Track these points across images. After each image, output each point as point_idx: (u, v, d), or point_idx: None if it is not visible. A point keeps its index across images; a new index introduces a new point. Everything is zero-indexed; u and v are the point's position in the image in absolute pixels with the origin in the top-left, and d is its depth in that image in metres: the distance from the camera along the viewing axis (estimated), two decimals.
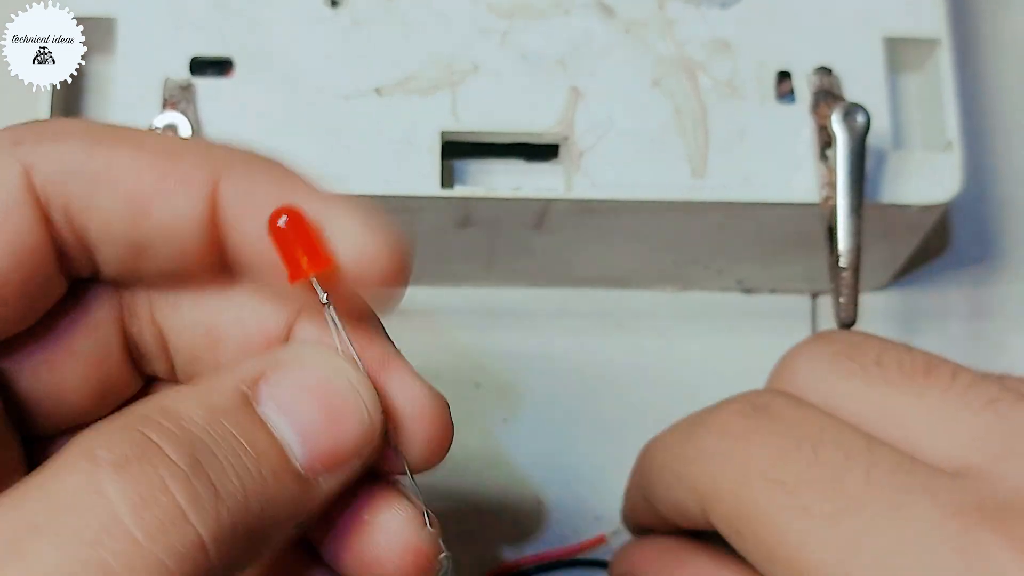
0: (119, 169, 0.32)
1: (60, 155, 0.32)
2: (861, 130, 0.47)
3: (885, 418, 0.36)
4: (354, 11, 0.49)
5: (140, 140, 0.33)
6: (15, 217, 0.32)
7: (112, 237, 0.33)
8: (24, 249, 0.32)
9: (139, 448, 0.29)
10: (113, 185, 0.32)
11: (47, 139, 0.33)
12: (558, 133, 0.49)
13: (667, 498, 0.40)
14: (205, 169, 0.33)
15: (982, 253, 0.56)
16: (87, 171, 0.32)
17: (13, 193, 0.32)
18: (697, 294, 0.55)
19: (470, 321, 0.54)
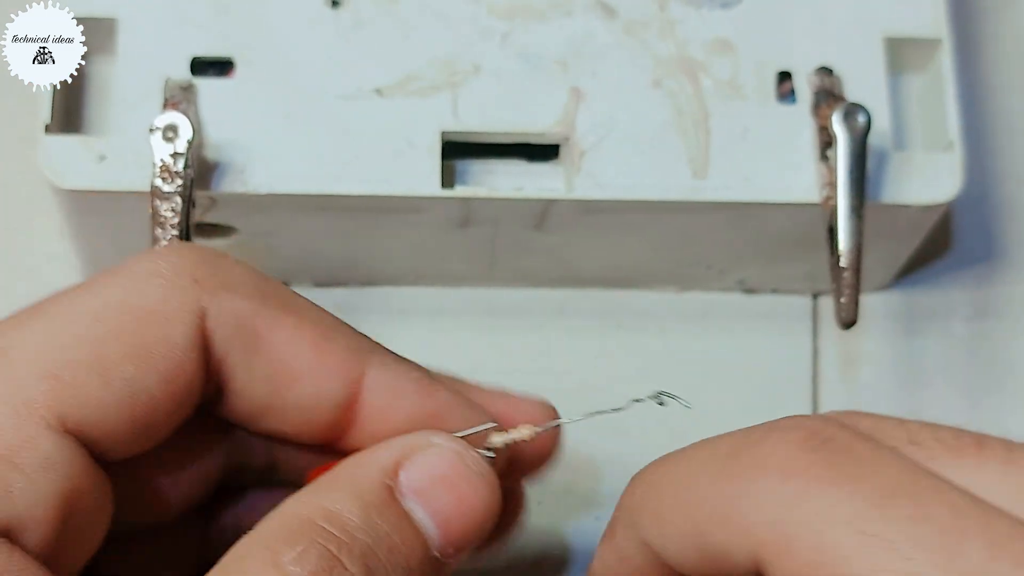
0: (281, 337, 0.34)
1: (233, 308, 0.34)
2: (862, 130, 0.47)
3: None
4: (355, 11, 0.49)
5: (302, 310, 0.35)
6: (183, 358, 0.33)
7: (250, 394, 0.35)
8: (183, 387, 0.33)
9: (327, 564, 0.31)
10: (271, 351, 0.34)
11: (223, 287, 0.34)
12: (559, 133, 0.49)
13: (694, 544, 0.33)
14: (356, 357, 0.35)
15: (984, 253, 0.56)
16: (253, 330, 0.34)
17: (188, 335, 0.33)
18: (698, 294, 0.55)
19: (470, 321, 0.54)
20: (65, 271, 0.52)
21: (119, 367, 0.32)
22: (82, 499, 0.32)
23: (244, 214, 0.48)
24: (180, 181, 0.44)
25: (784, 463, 0.31)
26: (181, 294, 0.33)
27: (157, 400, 0.33)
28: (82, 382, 0.32)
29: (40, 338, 0.32)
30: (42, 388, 0.32)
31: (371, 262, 0.52)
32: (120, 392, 0.32)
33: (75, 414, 0.32)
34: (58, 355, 0.32)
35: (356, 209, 0.48)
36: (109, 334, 0.33)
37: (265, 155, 0.47)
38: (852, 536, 0.29)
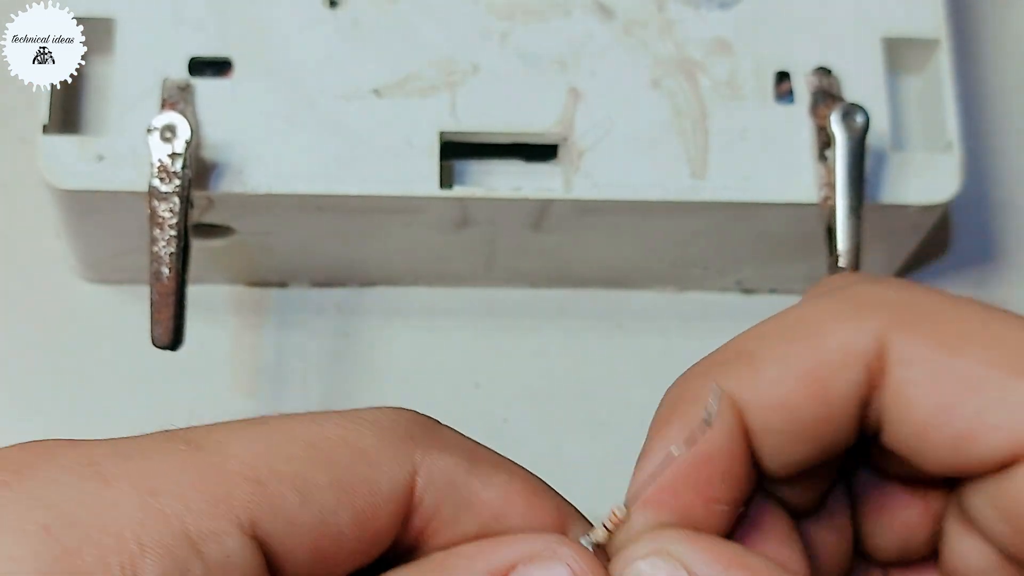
0: (493, 494, 0.34)
1: (445, 468, 0.34)
2: (860, 130, 0.47)
3: None
4: (353, 12, 0.49)
5: (512, 469, 0.35)
6: (382, 506, 0.33)
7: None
8: (373, 534, 0.33)
9: None
10: (483, 507, 0.34)
11: (436, 446, 0.34)
12: (557, 133, 0.49)
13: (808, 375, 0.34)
14: (561, 516, 0.35)
15: (982, 254, 0.56)
16: (464, 489, 0.34)
17: (394, 485, 0.33)
18: (697, 294, 0.55)
19: (470, 321, 0.54)
20: (63, 271, 0.53)
21: (320, 493, 0.33)
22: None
23: (242, 214, 0.48)
24: (178, 181, 0.44)
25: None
26: (397, 445, 0.34)
27: (345, 538, 0.33)
28: (282, 496, 0.32)
29: (255, 445, 0.33)
30: (244, 489, 0.32)
31: (370, 262, 0.52)
32: (314, 518, 0.32)
33: (267, 524, 0.32)
34: (267, 464, 0.32)
35: (354, 209, 0.48)
36: (319, 461, 0.33)
37: (263, 155, 0.47)
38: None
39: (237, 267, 0.52)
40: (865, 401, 0.34)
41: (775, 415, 0.34)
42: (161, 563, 0.30)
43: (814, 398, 0.34)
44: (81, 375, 0.52)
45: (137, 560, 0.30)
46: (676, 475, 0.34)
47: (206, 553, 0.31)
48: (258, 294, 0.53)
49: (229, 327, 0.53)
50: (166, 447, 0.33)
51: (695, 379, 0.35)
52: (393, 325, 0.54)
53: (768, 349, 0.34)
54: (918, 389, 0.33)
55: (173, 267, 0.44)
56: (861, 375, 0.34)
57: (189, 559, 0.31)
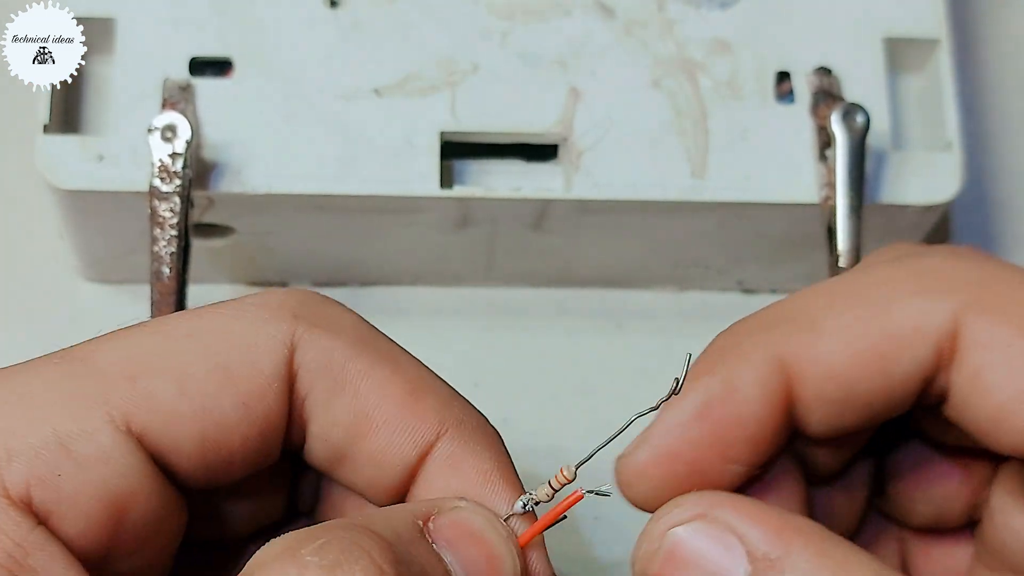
0: (369, 385, 0.34)
1: (325, 346, 0.34)
2: (861, 130, 0.47)
3: None
4: (353, 12, 0.49)
5: (398, 363, 0.35)
6: (265, 386, 0.33)
7: (328, 438, 0.34)
8: (261, 415, 0.33)
9: (350, 554, 0.30)
10: (356, 396, 0.34)
11: (320, 326, 0.34)
12: (557, 133, 0.49)
13: (866, 336, 0.34)
14: (437, 419, 0.34)
15: None
16: (341, 372, 0.34)
17: (275, 365, 0.33)
18: (697, 294, 0.55)
19: (470, 321, 0.54)
20: (64, 271, 0.53)
21: (197, 382, 0.33)
22: (138, 503, 0.32)
23: (242, 214, 0.48)
24: (178, 181, 0.44)
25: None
26: (276, 326, 0.33)
27: (232, 423, 0.33)
28: (156, 388, 0.32)
29: (130, 346, 0.33)
30: (116, 388, 0.32)
31: (370, 262, 0.52)
32: (194, 406, 0.32)
33: (142, 418, 0.32)
34: (141, 361, 0.32)
35: (355, 209, 0.48)
36: (195, 351, 0.33)
37: (263, 155, 0.47)
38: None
39: (237, 267, 0.52)
40: (930, 378, 0.34)
41: (832, 385, 0.33)
42: (29, 465, 0.31)
43: (877, 373, 0.33)
44: None
45: (3, 465, 0.31)
46: (704, 429, 0.33)
47: (75, 452, 0.31)
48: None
49: None
50: (41, 364, 0.33)
51: (746, 336, 0.35)
52: (393, 325, 0.53)
53: (831, 317, 0.34)
54: (997, 374, 0.33)
55: (174, 266, 0.44)
56: (930, 353, 0.33)
57: (58, 459, 0.31)
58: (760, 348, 0.34)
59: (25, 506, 0.31)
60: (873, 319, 0.33)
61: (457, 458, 0.34)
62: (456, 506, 0.34)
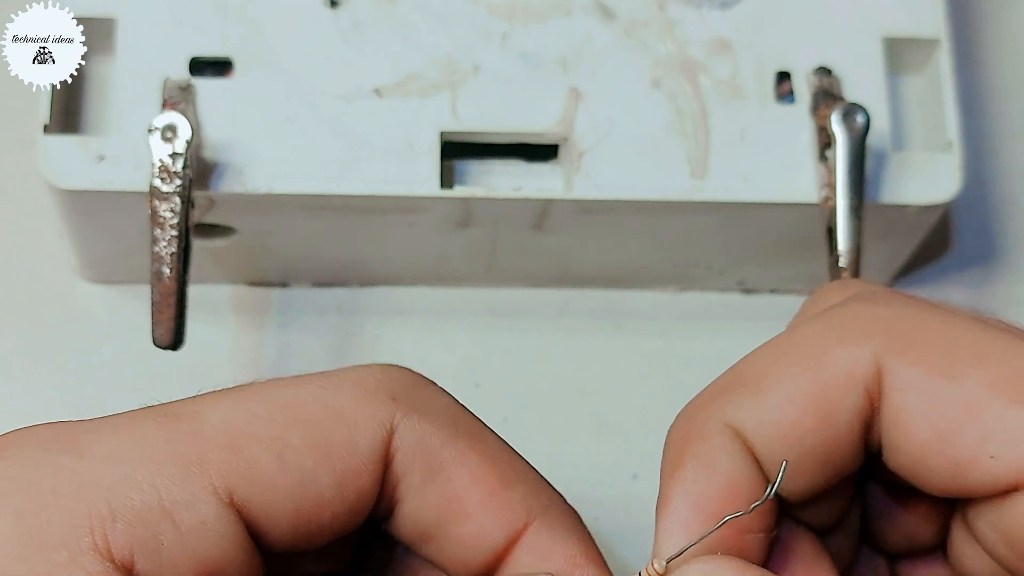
0: (462, 472, 0.34)
1: (423, 432, 0.34)
2: (861, 130, 0.47)
3: None
4: (354, 12, 0.49)
5: (489, 448, 0.35)
6: (362, 465, 0.33)
7: (417, 520, 0.35)
8: (355, 494, 0.33)
9: None
10: (449, 483, 0.34)
11: (418, 410, 0.34)
12: (558, 134, 0.49)
13: (807, 394, 0.34)
14: (526, 508, 0.35)
15: (983, 254, 0.56)
16: (436, 459, 0.34)
17: (373, 445, 0.33)
18: (697, 295, 0.55)
19: (470, 321, 0.54)
20: (64, 271, 0.53)
21: (297, 455, 0.33)
22: (230, 572, 0.32)
23: (243, 214, 0.48)
24: (179, 181, 0.44)
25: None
26: (376, 406, 0.34)
27: (327, 500, 0.33)
28: (258, 460, 0.32)
29: (231, 411, 0.33)
30: (219, 455, 0.32)
31: (370, 262, 0.52)
32: (292, 481, 0.33)
33: (244, 490, 0.32)
34: (243, 429, 0.32)
35: (355, 209, 0.48)
36: (296, 423, 0.33)
37: (264, 155, 0.47)
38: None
39: (238, 267, 0.52)
40: (868, 424, 0.34)
41: (782, 444, 0.34)
42: (131, 529, 0.31)
43: (819, 424, 0.34)
44: (81, 375, 0.52)
45: (108, 525, 0.30)
46: (706, 515, 0.34)
47: (179, 520, 0.31)
48: (259, 294, 0.53)
49: (230, 327, 0.53)
50: (143, 420, 0.33)
51: (698, 414, 0.35)
52: (393, 325, 0.54)
53: (769, 377, 0.34)
54: (915, 416, 0.33)
55: (174, 267, 0.44)
56: (862, 399, 0.34)
57: (161, 525, 0.31)
58: (715, 421, 0.34)
59: (126, 572, 0.31)
60: (808, 373, 0.34)
61: (546, 546, 0.35)
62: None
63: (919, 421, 0.33)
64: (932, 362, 0.33)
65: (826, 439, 0.34)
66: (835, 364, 0.34)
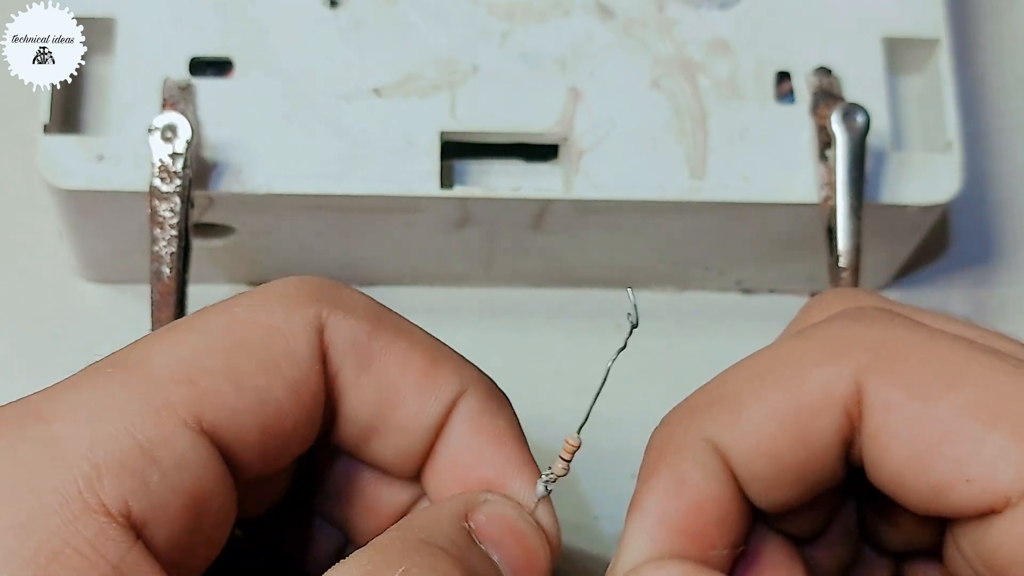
0: (392, 357, 0.36)
1: (349, 325, 0.35)
2: (860, 130, 0.47)
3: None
4: (353, 12, 0.49)
5: (414, 334, 0.36)
6: (307, 370, 0.35)
7: (358, 414, 0.36)
8: (309, 399, 0.35)
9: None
10: (382, 369, 0.35)
11: (340, 306, 0.35)
12: (557, 134, 0.49)
13: (784, 417, 0.34)
14: (458, 378, 0.36)
15: (982, 254, 0.56)
16: (366, 348, 0.35)
17: (311, 349, 0.35)
18: (696, 294, 0.55)
19: (470, 321, 0.54)
20: (64, 271, 0.53)
21: (250, 376, 0.34)
22: (212, 502, 0.33)
23: (242, 214, 0.48)
24: (178, 181, 0.44)
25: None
26: (303, 312, 0.35)
27: (285, 410, 0.34)
28: (217, 388, 0.33)
29: (178, 348, 0.34)
30: (180, 391, 0.33)
31: (369, 262, 0.52)
32: (251, 400, 0.34)
33: (210, 417, 0.33)
34: (194, 363, 0.33)
35: (355, 209, 0.48)
36: (240, 346, 0.34)
37: (263, 155, 0.47)
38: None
39: (238, 266, 0.52)
40: (848, 442, 0.34)
41: (759, 461, 0.34)
42: (119, 478, 0.31)
43: (796, 443, 0.34)
44: None
45: (95, 482, 0.31)
46: (670, 528, 0.34)
47: (160, 458, 0.32)
48: None
49: None
50: (95, 375, 0.33)
51: (677, 425, 0.36)
52: None
53: (748, 394, 0.35)
54: (894, 437, 0.33)
55: (174, 266, 0.44)
56: (841, 419, 0.34)
57: (146, 468, 0.32)
58: (693, 434, 0.35)
59: (124, 520, 0.31)
60: (786, 392, 0.34)
61: (475, 415, 0.36)
62: (486, 499, 0.35)
63: (897, 443, 0.33)
64: (911, 384, 0.33)
65: (803, 458, 0.34)
66: (813, 384, 0.34)
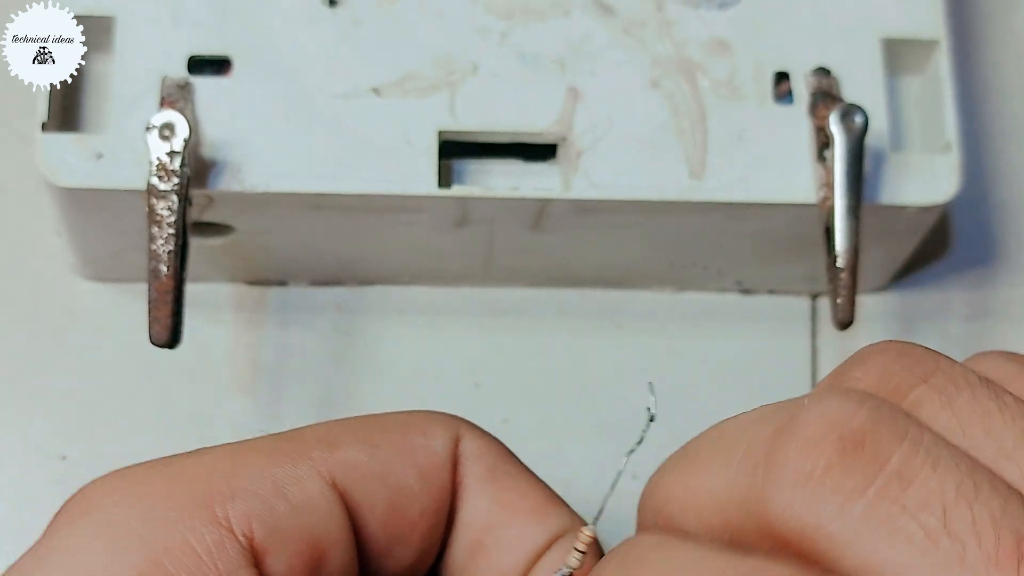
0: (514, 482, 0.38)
1: (484, 444, 0.38)
2: (859, 131, 0.47)
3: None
4: (353, 10, 0.49)
5: (536, 477, 0.38)
6: (440, 463, 0.37)
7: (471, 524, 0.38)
8: (438, 490, 0.37)
9: None
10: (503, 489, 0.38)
11: (478, 430, 0.38)
12: (556, 133, 0.49)
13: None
14: (568, 521, 0.38)
15: (982, 255, 0.56)
16: (493, 468, 0.38)
17: (446, 447, 0.37)
18: (696, 295, 0.55)
19: (470, 321, 0.54)
20: (63, 269, 0.53)
21: (384, 453, 0.36)
22: (336, 554, 0.35)
23: (241, 213, 0.48)
24: (177, 179, 0.44)
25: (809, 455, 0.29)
26: (444, 420, 0.37)
27: (414, 493, 0.36)
28: (351, 454, 0.36)
29: (323, 425, 0.37)
30: (318, 448, 0.35)
31: (368, 261, 0.52)
32: (383, 472, 0.36)
33: (342, 476, 0.35)
34: (335, 434, 0.36)
35: (353, 208, 0.48)
36: (380, 430, 0.37)
37: (262, 154, 0.47)
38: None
39: (236, 265, 0.52)
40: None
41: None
42: (249, 503, 0.34)
43: None
44: (80, 373, 0.52)
45: (228, 501, 0.33)
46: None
47: (290, 495, 0.34)
48: (257, 292, 0.53)
49: (228, 325, 0.53)
50: (246, 439, 0.36)
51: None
52: (393, 324, 0.54)
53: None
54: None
55: (172, 265, 0.44)
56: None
57: (275, 500, 0.34)
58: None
59: (247, 541, 0.33)
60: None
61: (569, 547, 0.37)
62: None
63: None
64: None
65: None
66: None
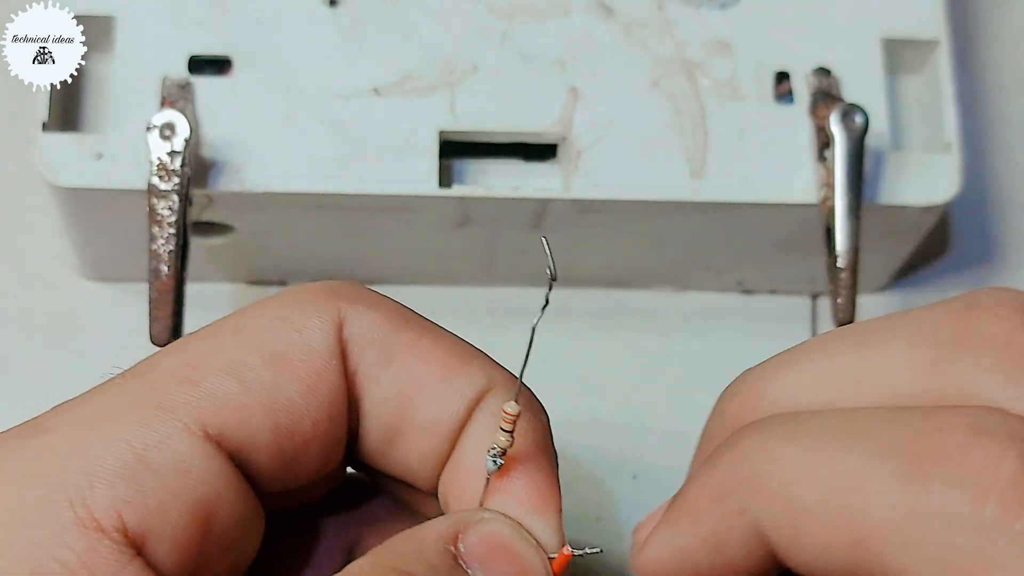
0: (415, 353, 0.34)
1: (371, 319, 0.34)
2: (859, 131, 0.47)
3: None
4: (353, 11, 0.49)
5: (438, 332, 0.35)
6: (323, 364, 0.33)
7: (379, 419, 0.34)
8: (326, 396, 0.33)
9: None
10: (402, 368, 0.34)
11: (362, 302, 0.34)
12: (557, 133, 0.49)
13: (848, 558, 0.30)
14: (485, 375, 0.35)
15: (982, 254, 0.56)
16: (388, 343, 0.34)
17: (328, 342, 0.33)
18: (696, 295, 0.55)
19: (470, 321, 0.54)
20: (63, 269, 0.53)
21: (256, 371, 0.32)
22: (223, 512, 0.31)
23: (241, 212, 0.48)
24: (177, 179, 0.44)
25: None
26: (319, 307, 0.33)
27: (300, 408, 0.33)
28: (218, 386, 0.32)
29: (183, 352, 0.33)
30: (179, 392, 0.31)
31: (369, 261, 0.52)
32: (259, 396, 0.32)
33: (215, 419, 0.31)
34: (195, 363, 0.32)
35: (353, 208, 0.48)
36: (247, 342, 0.33)
37: (262, 154, 0.47)
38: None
39: (236, 265, 0.52)
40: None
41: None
42: (111, 487, 0.30)
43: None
44: (81, 372, 0.52)
45: (86, 493, 0.30)
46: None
47: (155, 463, 0.30)
48: (257, 292, 0.53)
49: None
50: (104, 386, 0.32)
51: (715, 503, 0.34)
52: None
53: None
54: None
55: (172, 265, 0.44)
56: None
57: (139, 474, 0.30)
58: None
59: (120, 534, 0.30)
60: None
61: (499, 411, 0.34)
62: (482, 518, 0.34)
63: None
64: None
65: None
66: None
